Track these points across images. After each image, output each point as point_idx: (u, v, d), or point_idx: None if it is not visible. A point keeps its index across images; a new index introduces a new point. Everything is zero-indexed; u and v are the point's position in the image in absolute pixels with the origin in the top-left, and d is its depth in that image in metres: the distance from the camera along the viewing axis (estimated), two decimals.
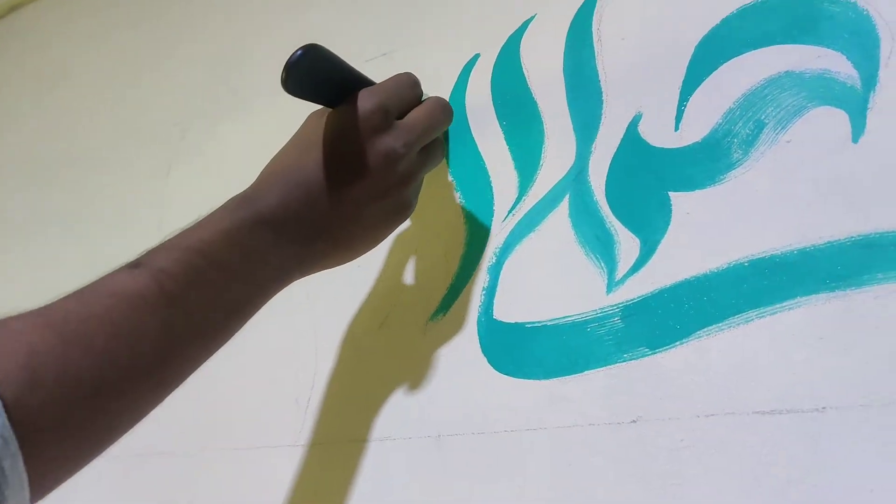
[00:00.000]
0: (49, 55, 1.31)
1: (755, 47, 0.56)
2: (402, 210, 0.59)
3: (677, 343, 0.53)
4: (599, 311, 0.57)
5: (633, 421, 0.53)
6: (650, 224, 0.57)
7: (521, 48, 0.71)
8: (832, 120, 0.51)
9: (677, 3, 0.61)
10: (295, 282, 0.58)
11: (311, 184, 0.54)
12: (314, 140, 0.56)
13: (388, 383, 0.68)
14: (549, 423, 0.57)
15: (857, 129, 0.50)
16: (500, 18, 0.73)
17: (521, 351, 0.60)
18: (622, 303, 0.57)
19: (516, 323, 0.62)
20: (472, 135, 0.71)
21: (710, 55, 0.58)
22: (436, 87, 0.75)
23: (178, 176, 0.99)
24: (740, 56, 0.57)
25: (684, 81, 0.59)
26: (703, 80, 0.58)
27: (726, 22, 0.58)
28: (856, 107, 0.51)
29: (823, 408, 0.46)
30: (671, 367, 0.53)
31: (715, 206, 0.54)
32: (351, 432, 0.69)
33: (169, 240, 0.53)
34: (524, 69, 0.70)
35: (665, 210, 0.57)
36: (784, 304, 0.49)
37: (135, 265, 0.51)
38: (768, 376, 0.49)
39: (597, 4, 0.67)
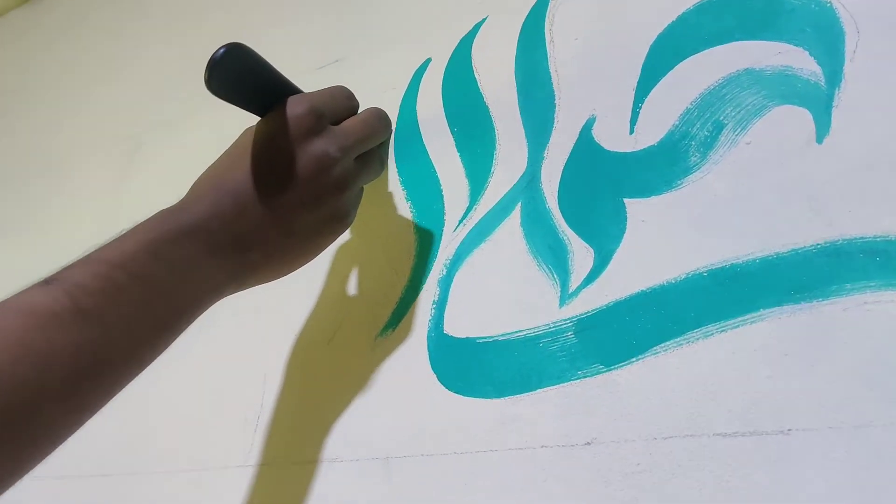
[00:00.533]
0: (6, 65, 1.24)
1: (713, 44, 0.52)
2: (338, 219, 0.54)
3: (633, 359, 0.48)
4: (552, 326, 0.52)
5: (588, 443, 0.48)
6: (605, 233, 0.52)
7: (472, 51, 0.66)
8: (795, 119, 0.47)
9: (632, 1, 0.56)
10: (244, 293, 0.53)
11: (240, 192, 0.50)
12: (245, 149, 0.50)
13: (337, 402, 0.62)
14: (501, 445, 0.51)
15: (822, 129, 0.45)
16: (452, 21, 0.68)
17: (471, 368, 0.55)
18: (575, 316, 0.51)
19: (467, 338, 0.56)
20: (423, 142, 0.66)
21: (666, 53, 0.54)
22: (389, 92, 0.69)
23: (133, 186, 0.93)
24: (698, 54, 0.52)
25: (639, 81, 0.54)
26: (659, 80, 0.54)
27: (683, 18, 0.54)
28: (820, 105, 0.46)
29: (789, 430, 0.41)
30: (627, 386, 0.47)
31: (672, 213, 0.49)
32: (300, 453, 0.63)
33: (88, 254, 0.47)
34: (475, 73, 0.65)
35: (620, 218, 0.52)
36: (746, 317, 0.44)
37: (48, 281, 0.45)
38: (730, 396, 0.44)
39: (549, 4, 0.61)
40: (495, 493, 0.51)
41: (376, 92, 0.70)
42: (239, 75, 0.49)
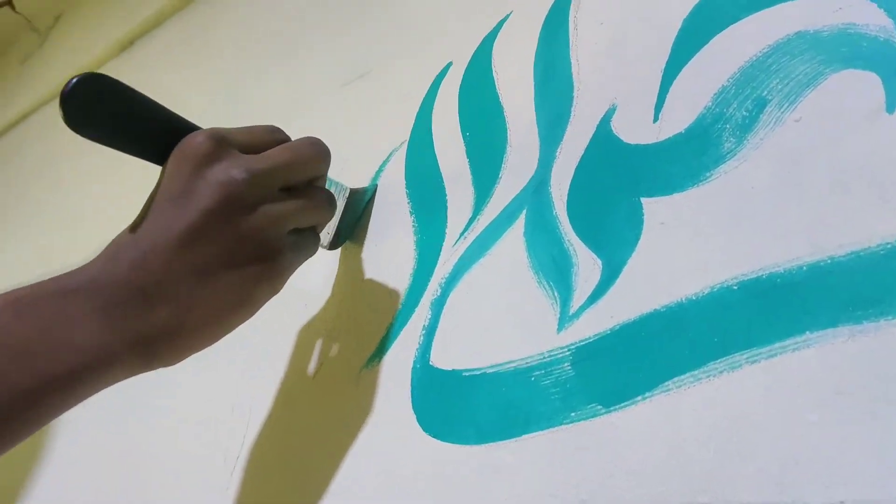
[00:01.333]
0: None
1: (757, 9, 0.41)
2: (265, 260, 0.43)
3: (638, 398, 0.36)
4: (547, 355, 0.41)
5: None
6: (616, 240, 0.41)
7: (493, 50, 0.58)
8: (858, 86, 0.35)
9: None
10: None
11: (140, 240, 0.41)
12: (149, 198, 0.43)
13: (318, 444, 0.53)
14: (478, 502, 0.40)
15: (894, 96, 0.34)
16: (475, 22, 0.61)
17: (454, 406, 0.45)
18: (574, 343, 0.41)
19: (453, 370, 0.46)
20: (434, 151, 0.58)
21: (701, 26, 0.44)
22: (407, 103, 0.63)
23: None
24: (739, 22, 0.42)
25: (668, 61, 0.45)
26: (691, 57, 0.43)
27: None
28: (891, 67, 0.34)
29: (841, 502, 0.28)
30: (627, 432, 0.36)
31: (696, 213, 0.39)
32: (275, 500, 0.54)
33: None
34: (494, 72, 0.57)
35: (635, 221, 0.41)
36: (787, 342, 0.33)
37: None
38: (762, 450, 0.31)
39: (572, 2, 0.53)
40: None
41: (399, 102, 0.64)
42: (110, 112, 0.41)
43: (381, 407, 0.50)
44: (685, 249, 0.38)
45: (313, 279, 0.59)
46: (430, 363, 0.48)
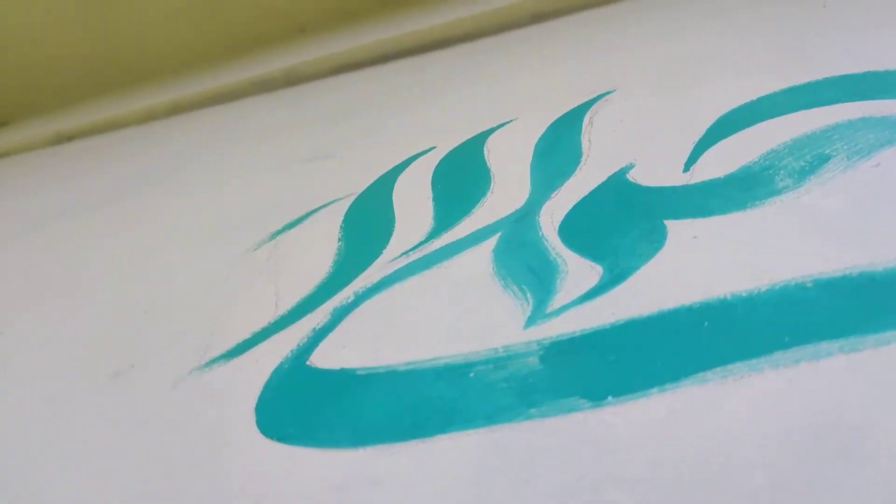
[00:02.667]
0: None
1: (809, 108, 0.38)
2: None
3: (653, 390, 0.23)
4: (502, 351, 0.28)
5: None
6: (624, 251, 0.32)
7: (488, 139, 0.53)
8: None
9: (689, 95, 0.44)
10: None
11: None
12: None
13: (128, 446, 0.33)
14: None
15: None
16: (475, 122, 0.56)
17: (325, 407, 0.29)
18: (548, 338, 0.27)
19: (341, 369, 0.31)
20: (391, 197, 0.48)
21: (740, 119, 0.40)
22: (372, 170, 0.55)
23: None
24: (783, 116, 0.38)
25: (702, 138, 0.40)
26: (727, 136, 0.39)
27: (768, 98, 0.41)
28: None
29: None
30: (633, 428, 0.22)
31: (743, 229, 0.29)
32: None
33: None
34: (486, 149, 0.51)
35: (656, 237, 0.32)
36: (878, 335, 0.21)
37: None
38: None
39: (593, 104, 0.50)
40: None
41: (363, 170, 0.56)
42: None
43: (207, 410, 0.32)
44: (731, 255, 0.28)
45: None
46: (308, 363, 0.32)
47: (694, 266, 0.29)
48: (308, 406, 0.29)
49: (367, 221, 0.46)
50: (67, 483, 0.30)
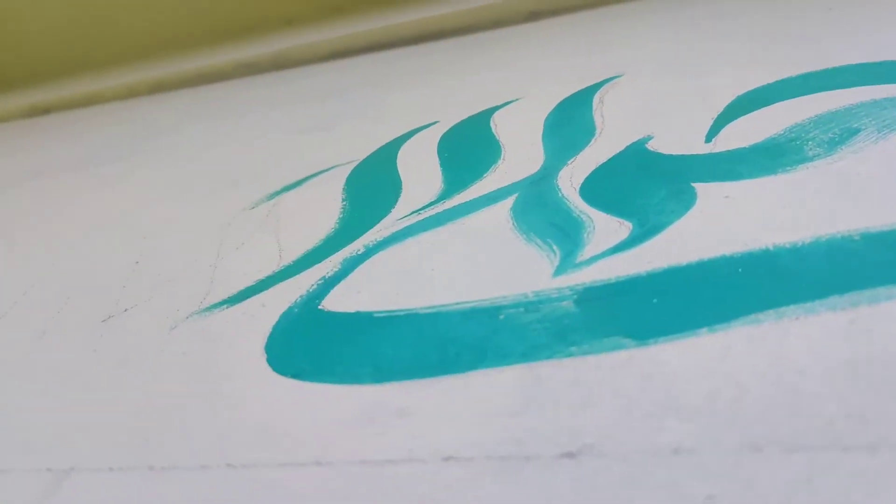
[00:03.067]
0: None
1: (831, 89, 0.37)
2: None
3: (703, 330, 0.22)
4: (532, 296, 0.27)
5: (571, 454, 0.18)
6: (652, 210, 0.31)
7: (494, 115, 0.52)
8: None
9: (694, 83, 0.44)
10: None
11: None
12: None
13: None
14: (358, 452, 0.21)
15: None
16: (480, 100, 0.55)
17: (343, 347, 0.27)
18: (581, 284, 0.26)
19: (357, 312, 0.29)
20: (395, 162, 0.47)
21: (758, 98, 0.39)
22: (376, 139, 0.53)
23: None
24: (806, 96, 0.38)
25: (720, 115, 0.39)
26: (747, 113, 0.38)
27: (786, 81, 0.41)
28: None
29: None
30: (683, 364, 0.20)
31: (778, 190, 0.29)
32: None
33: None
34: (493, 123, 0.49)
35: (684, 197, 0.31)
36: None
37: None
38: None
39: (602, 86, 0.50)
40: None
41: (362, 142, 0.54)
42: None
43: (208, 349, 0.30)
44: (767, 212, 0.27)
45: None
46: (319, 307, 0.30)
47: (730, 221, 0.28)
48: (323, 345, 0.27)
49: (372, 184, 0.45)
50: (60, 416, 0.27)
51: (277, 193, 0.47)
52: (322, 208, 0.43)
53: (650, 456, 0.18)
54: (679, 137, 0.38)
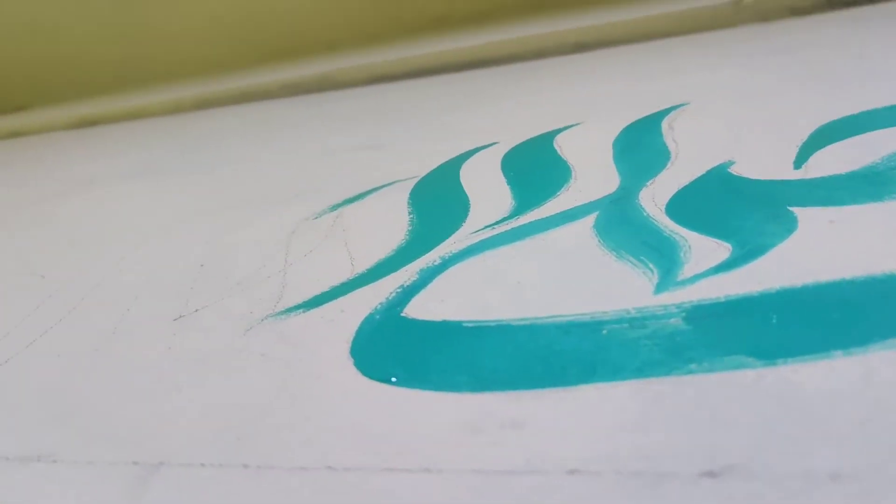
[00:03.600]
0: None
1: None
2: None
3: (838, 353, 0.20)
4: (634, 312, 0.25)
5: (712, 474, 0.17)
6: (750, 232, 0.29)
7: (556, 137, 0.51)
8: None
9: (768, 111, 0.43)
10: None
11: None
12: None
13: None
14: (487, 460, 0.19)
15: None
16: (541, 123, 0.55)
17: (434, 355, 0.26)
18: (688, 302, 0.25)
19: (444, 321, 0.28)
20: (458, 177, 0.46)
21: (845, 127, 0.38)
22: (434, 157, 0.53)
23: None
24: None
25: (805, 143, 0.38)
26: (836, 141, 0.37)
27: (872, 112, 0.40)
28: None
29: None
30: (823, 387, 0.19)
31: (890, 217, 0.27)
32: None
33: None
34: (556, 145, 0.49)
35: (784, 220, 0.30)
36: None
37: None
38: None
39: (666, 115, 0.49)
40: None
41: (420, 159, 0.54)
42: None
43: (292, 351, 0.29)
44: (883, 238, 0.26)
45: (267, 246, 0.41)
46: (402, 314, 0.29)
47: (842, 245, 0.26)
48: (412, 352, 0.26)
49: (438, 199, 0.44)
50: (141, 410, 0.26)
51: (340, 205, 0.47)
52: (389, 220, 0.42)
53: (806, 481, 0.16)
54: (764, 163, 0.37)
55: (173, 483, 0.21)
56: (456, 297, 0.30)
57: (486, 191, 0.43)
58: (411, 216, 0.42)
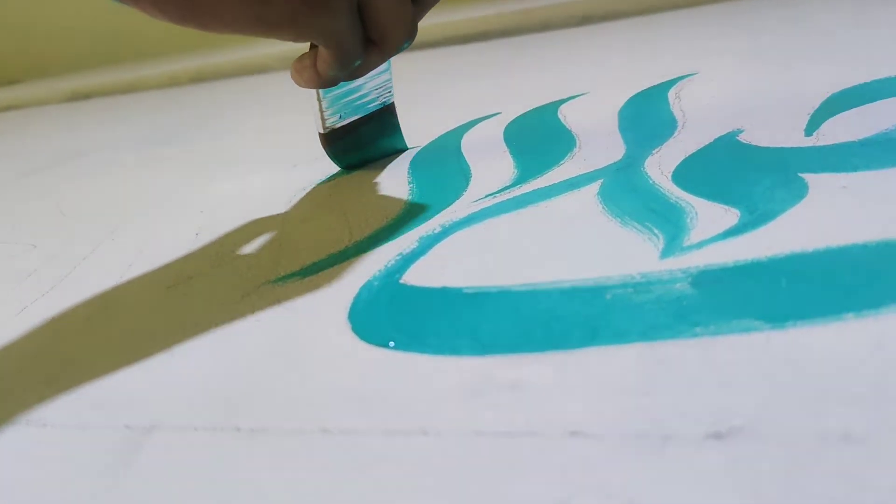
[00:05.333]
0: None
1: None
2: None
3: (847, 315, 0.20)
4: (639, 277, 0.25)
5: (719, 435, 0.17)
6: (762, 197, 0.29)
7: (560, 107, 0.50)
8: None
9: (777, 79, 0.42)
10: None
11: None
12: None
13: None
14: (487, 422, 0.19)
15: None
16: (540, 94, 0.54)
17: (437, 319, 0.25)
18: (695, 267, 0.24)
19: (444, 287, 0.27)
20: (460, 147, 0.46)
21: (859, 95, 0.38)
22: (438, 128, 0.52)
23: None
24: None
25: (817, 110, 0.37)
26: (849, 109, 0.36)
27: (886, 80, 0.39)
28: None
29: None
30: (835, 349, 0.19)
31: None
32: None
33: None
34: (560, 115, 0.48)
35: (795, 186, 0.29)
36: None
37: None
38: None
39: (673, 85, 0.48)
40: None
41: (420, 129, 0.53)
42: None
43: (290, 317, 0.28)
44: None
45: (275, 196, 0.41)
46: (401, 281, 0.29)
47: (855, 210, 0.26)
48: (412, 317, 0.26)
49: (439, 169, 0.43)
50: (133, 375, 0.26)
51: (337, 175, 0.46)
52: (388, 190, 0.41)
53: (817, 441, 0.16)
54: (774, 131, 0.36)
55: (165, 446, 0.21)
56: (456, 264, 0.29)
57: (488, 160, 0.42)
58: (411, 185, 0.41)
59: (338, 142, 0.44)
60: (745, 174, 0.32)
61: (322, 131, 0.43)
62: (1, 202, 0.60)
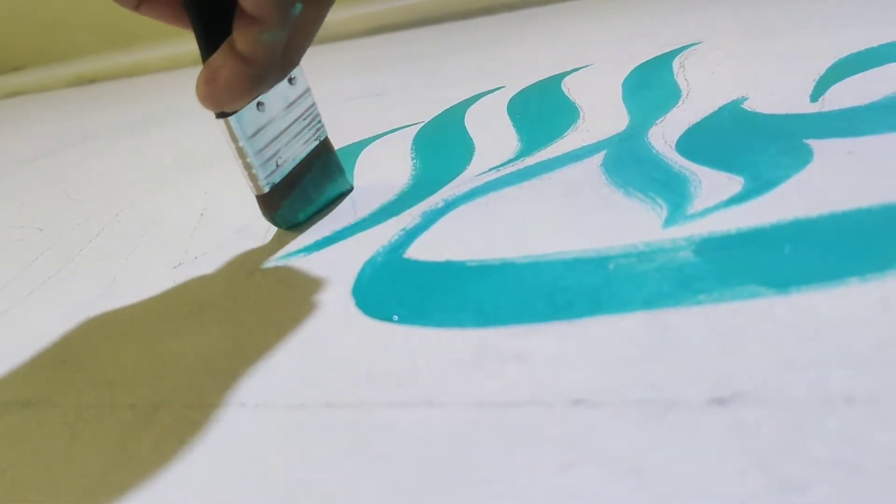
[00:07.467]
0: None
1: None
2: None
3: (853, 279, 0.20)
4: (642, 246, 0.25)
5: (719, 400, 0.17)
6: (764, 165, 0.28)
7: (564, 79, 0.50)
8: None
9: (783, 46, 0.42)
10: None
11: None
12: None
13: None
14: (490, 393, 0.19)
15: None
16: (544, 67, 0.53)
17: (440, 292, 0.25)
18: (698, 235, 0.24)
19: (448, 261, 0.27)
20: (463, 121, 0.45)
21: (865, 60, 0.37)
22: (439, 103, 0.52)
23: None
24: None
25: (822, 76, 0.37)
26: (855, 73, 0.36)
27: (893, 44, 0.38)
28: None
29: None
30: (839, 312, 0.18)
31: None
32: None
33: None
34: (564, 87, 0.47)
35: (799, 153, 0.29)
36: None
37: None
38: None
39: (678, 55, 0.47)
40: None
41: (424, 105, 0.53)
42: None
43: (295, 294, 0.28)
44: None
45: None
46: (405, 256, 0.29)
47: (860, 175, 0.26)
48: (415, 292, 0.26)
49: (442, 144, 0.43)
50: (138, 355, 0.26)
51: (343, 150, 0.46)
52: (392, 166, 0.41)
53: (819, 405, 0.16)
54: (779, 98, 0.36)
55: (171, 423, 0.21)
56: (459, 238, 0.29)
57: (492, 134, 0.42)
58: (415, 161, 0.41)
59: (283, 201, 0.34)
60: (749, 142, 0.31)
61: (261, 192, 0.33)
62: (7, 187, 0.60)
